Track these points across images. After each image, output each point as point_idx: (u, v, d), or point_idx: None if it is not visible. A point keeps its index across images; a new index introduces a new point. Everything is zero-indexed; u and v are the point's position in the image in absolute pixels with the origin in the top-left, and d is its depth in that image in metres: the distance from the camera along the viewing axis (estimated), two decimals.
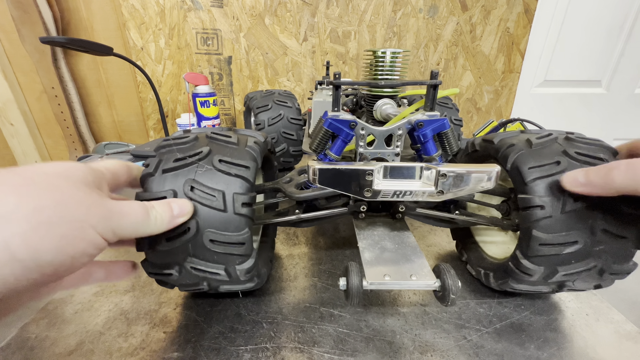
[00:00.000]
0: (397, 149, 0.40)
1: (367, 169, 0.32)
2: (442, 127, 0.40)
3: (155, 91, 0.98)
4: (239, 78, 1.17)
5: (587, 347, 0.36)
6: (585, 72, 1.26)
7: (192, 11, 1.07)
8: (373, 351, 0.35)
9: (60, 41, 0.76)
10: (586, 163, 0.33)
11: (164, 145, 0.34)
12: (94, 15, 1.07)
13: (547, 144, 0.35)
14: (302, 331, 0.38)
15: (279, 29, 1.11)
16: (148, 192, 0.31)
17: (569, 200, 0.31)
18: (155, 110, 1.19)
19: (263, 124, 0.73)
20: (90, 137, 1.20)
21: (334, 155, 0.41)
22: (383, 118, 0.47)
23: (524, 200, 0.33)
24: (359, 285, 0.31)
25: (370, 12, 1.10)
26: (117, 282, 0.45)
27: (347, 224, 0.62)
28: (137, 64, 0.95)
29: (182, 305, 0.41)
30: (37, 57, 1.03)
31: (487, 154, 0.41)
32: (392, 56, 0.42)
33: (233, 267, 0.33)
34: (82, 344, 0.36)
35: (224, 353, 0.35)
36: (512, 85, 1.22)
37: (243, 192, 0.31)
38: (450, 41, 1.15)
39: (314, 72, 1.18)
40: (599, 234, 0.31)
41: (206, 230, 0.31)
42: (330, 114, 0.39)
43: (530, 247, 0.33)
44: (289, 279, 0.46)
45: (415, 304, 0.42)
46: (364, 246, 0.38)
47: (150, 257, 0.33)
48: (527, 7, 1.11)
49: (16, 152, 1.19)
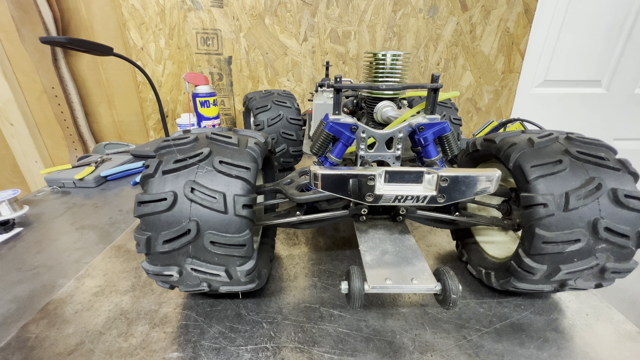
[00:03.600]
0: (397, 152, 0.40)
1: (369, 174, 0.32)
2: (442, 130, 0.40)
3: (155, 91, 0.98)
4: (239, 78, 1.17)
5: (587, 347, 0.36)
6: (585, 72, 1.26)
7: (192, 11, 1.07)
8: (373, 351, 0.35)
9: (60, 41, 0.76)
10: (587, 162, 0.33)
11: (164, 146, 0.34)
12: (94, 15, 1.07)
13: (549, 143, 0.35)
14: (302, 331, 0.38)
15: (279, 29, 1.11)
16: (148, 193, 0.31)
17: (571, 198, 0.31)
18: (155, 110, 1.19)
19: (262, 125, 0.73)
20: (90, 137, 1.20)
21: (335, 158, 0.41)
22: (384, 120, 0.47)
23: (526, 199, 0.33)
24: (361, 289, 0.31)
25: (370, 12, 1.10)
26: (117, 282, 0.45)
27: (347, 224, 0.62)
28: (137, 64, 0.95)
29: (182, 305, 0.41)
30: (37, 57, 1.03)
31: (489, 153, 0.41)
32: (393, 59, 0.42)
33: (234, 269, 0.33)
34: (82, 344, 0.36)
35: (224, 353, 0.35)
36: (512, 85, 1.22)
37: (244, 193, 0.31)
38: (450, 41, 1.15)
39: (314, 72, 1.17)
40: (601, 232, 0.31)
41: (207, 232, 0.31)
42: (331, 117, 0.39)
43: (533, 245, 0.33)
44: (289, 279, 0.47)
45: (415, 304, 0.42)
46: (365, 249, 0.38)
47: (150, 259, 0.33)
48: (527, 7, 1.11)
49: (16, 152, 1.19)
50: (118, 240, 0.56)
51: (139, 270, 0.48)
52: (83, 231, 0.59)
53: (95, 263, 0.50)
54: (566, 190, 0.32)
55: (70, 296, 0.43)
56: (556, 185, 0.32)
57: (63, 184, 0.77)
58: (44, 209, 0.67)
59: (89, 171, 0.80)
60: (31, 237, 0.57)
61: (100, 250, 0.53)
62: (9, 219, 0.58)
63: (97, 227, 0.60)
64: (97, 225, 0.61)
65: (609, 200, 0.31)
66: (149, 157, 0.91)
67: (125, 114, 1.22)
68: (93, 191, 0.75)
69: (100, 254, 0.52)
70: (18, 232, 0.58)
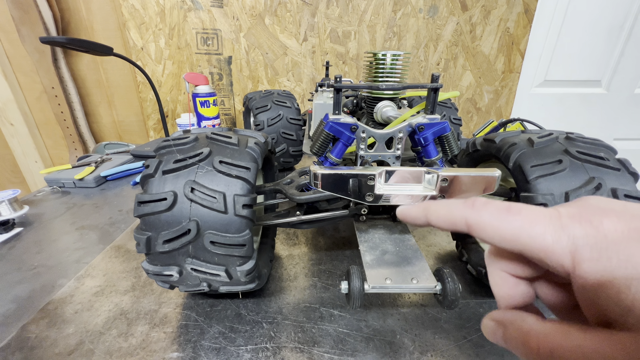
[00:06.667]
0: (397, 151, 0.40)
1: (369, 174, 0.32)
2: (442, 130, 0.40)
3: (155, 91, 0.98)
4: (239, 78, 1.17)
5: None
6: (585, 72, 1.26)
7: (192, 11, 1.07)
8: (373, 351, 0.35)
9: (60, 41, 0.76)
10: (587, 162, 0.33)
11: (164, 146, 0.34)
12: (94, 15, 1.07)
13: (549, 143, 0.35)
14: (302, 331, 0.38)
15: (279, 29, 1.11)
16: (148, 193, 0.31)
17: (571, 198, 0.31)
18: (155, 110, 1.19)
19: (262, 125, 0.73)
20: (90, 137, 1.20)
21: (335, 158, 0.41)
22: (384, 120, 0.47)
23: (526, 199, 0.33)
24: (361, 288, 0.32)
25: (370, 12, 1.10)
26: (117, 282, 0.45)
27: (347, 224, 0.62)
28: (137, 64, 0.95)
29: (182, 305, 0.41)
30: (37, 57, 1.03)
31: (489, 153, 0.41)
32: (393, 58, 0.42)
33: (234, 269, 0.33)
34: (82, 344, 0.36)
35: (224, 353, 0.35)
36: (512, 85, 1.22)
37: (244, 193, 0.31)
38: (450, 41, 1.15)
39: (314, 72, 1.17)
40: None
41: (207, 232, 0.31)
42: (331, 117, 0.39)
43: None
44: (289, 279, 0.47)
45: (415, 304, 0.42)
46: (365, 249, 0.38)
47: (150, 259, 0.33)
48: (527, 7, 1.11)
49: (16, 152, 1.19)
50: (118, 240, 0.56)
51: (139, 270, 0.48)
52: (83, 231, 0.59)
53: (95, 263, 0.50)
54: (566, 190, 0.32)
55: (70, 296, 0.43)
56: (556, 185, 0.32)
57: (63, 184, 0.77)
58: (44, 209, 0.67)
59: (89, 171, 0.80)
60: (31, 237, 0.57)
61: (100, 250, 0.53)
62: (9, 219, 0.58)
63: (97, 227, 0.60)
64: (97, 225, 0.61)
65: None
66: (149, 157, 0.91)
67: (125, 114, 1.21)
68: (93, 191, 0.75)
69: (100, 254, 0.52)
70: (18, 232, 0.58)
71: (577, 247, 0.14)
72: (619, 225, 0.14)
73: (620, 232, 0.13)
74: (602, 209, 0.14)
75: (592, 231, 0.14)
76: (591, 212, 0.15)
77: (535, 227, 0.15)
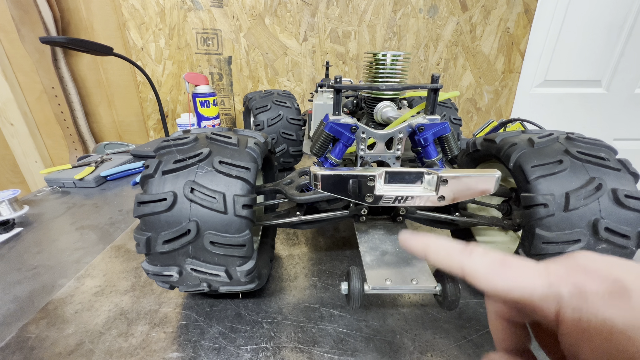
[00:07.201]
0: (397, 152, 0.40)
1: (369, 175, 0.32)
2: (443, 131, 0.39)
3: (155, 91, 0.98)
4: (239, 78, 1.17)
5: None
6: (585, 72, 1.26)
7: (192, 11, 1.07)
8: (373, 351, 0.35)
9: (60, 41, 0.76)
10: (587, 162, 0.33)
11: (163, 146, 0.34)
12: (94, 15, 1.07)
13: (549, 143, 0.35)
14: (302, 331, 0.38)
15: (279, 29, 1.11)
16: (147, 193, 0.31)
17: (572, 198, 0.31)
18: (155, 110, 1.19)
19: (262, 125, 0.73)
20: (90, 137, 1.20)
21: (335, 159, 0.41)
22: (384, 121, 0.46)
23: (527, 199, 0.33)
24: (361, 289, 0.31)
25: (370, 12, 1.10)
26: (117, 282, 0.45)
27: (347, 224, 0.62)
28: (137, 64, 0.95)
29: (182, 305, 0.41)
30: (37, 57, 1.03)
31: (489, 153, 0.41)
32: (393, 59, 0.42)
33: (234, 269, 0.33)
34: (82, 344, 0.36)
35: (224, 353, 0.35)
36: (512, 85, 1.22)
37: (244, 193, 0.31)
38: (450, 41, 1.15)
39: (314, 72, 1.17)
40: (602, 232, 0.31)
41: (207, 232, 0.31)
42: (331, 117, 0.39)
43: (534, 245, 0.33)
44: (289, 279, 0.47)
45: (415, 304, 0.42)
46: (365, 249, 0.38)
47: (150, 259, 0.33)
48: (527, 7, 1.11)
49: (16, 152, 1.19)
50: (118, 240, 0.56)
51: (139, 270, 0.48)
52: (83, 231, 0.59)
53: (95, 263, 0.50)
54: (566, 190, 0.32)
55: (70, 296, 0.43)
56: (556, 185, 0.32)
57: (63, 184, 0.77)
58: (44, 209, 0.67)
59: (89, 171, 0.80)
60: (31, 237, 0.57)
61: (100, 250, 0.53)
62: (9, 219, 0.58)
63: (97, 227, 0.60)
64: (97, 225, 0.61)
65: (609, 200, 0.31)
66: (149, 157, 0.91)
67: (125, 114, 1.21)
68: (93, 191, 0.75)
69: (100, 254, 0.52)
70: (18, 232, 0.58)
71: (561, 307, 0.15)
72: (600, 287, 0.15)
73: (600, 296, 0.14)
74: (587, 270, 0.15)
75: (576, 292, 0.15)
76: (577, 272, 0.16)
77: (525, 283, 0.16)
